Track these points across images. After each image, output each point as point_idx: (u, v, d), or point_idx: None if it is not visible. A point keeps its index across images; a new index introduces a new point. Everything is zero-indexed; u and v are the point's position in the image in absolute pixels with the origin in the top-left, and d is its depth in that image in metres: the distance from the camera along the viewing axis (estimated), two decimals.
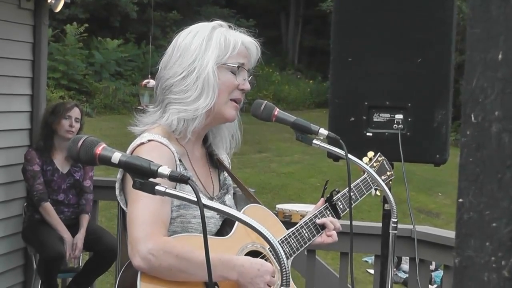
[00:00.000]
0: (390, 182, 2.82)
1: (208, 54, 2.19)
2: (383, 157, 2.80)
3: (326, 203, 2.51)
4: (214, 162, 2.38)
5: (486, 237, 0.84)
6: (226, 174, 2.41)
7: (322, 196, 2.54)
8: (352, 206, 2.54)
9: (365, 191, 2.63)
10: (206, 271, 1.98)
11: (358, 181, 2.62)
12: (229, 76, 2.22)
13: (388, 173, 2.80)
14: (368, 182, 2.64)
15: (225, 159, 2.45)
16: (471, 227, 0.87)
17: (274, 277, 2.14)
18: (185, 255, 2.00)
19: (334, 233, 2.49)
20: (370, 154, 2.76)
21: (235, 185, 2.45)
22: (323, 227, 2.48)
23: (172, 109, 2.20)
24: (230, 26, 2.29)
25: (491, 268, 0.82)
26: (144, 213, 2.01)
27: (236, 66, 2.22)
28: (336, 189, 2.56)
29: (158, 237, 2.00)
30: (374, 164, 2.74)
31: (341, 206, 2.54)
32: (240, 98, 2.25)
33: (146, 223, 2.00)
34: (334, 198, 2.52)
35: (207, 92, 2.18)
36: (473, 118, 0.86)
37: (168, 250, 1.99)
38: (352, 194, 2.55)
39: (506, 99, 0.81)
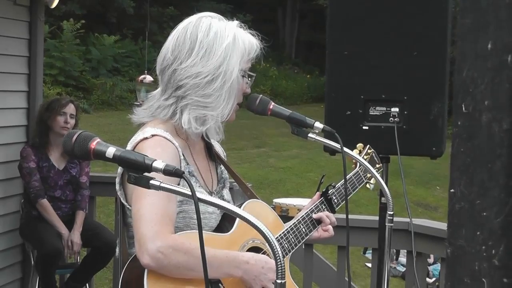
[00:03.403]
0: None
1: (233, 60, 2.16)
2: (372, 150, 2.80)
3: (322, 198, 2.52)
4: (212, 155, 2.37)
5: (477, 226, 0.84)
6: (222, 167, 2.40)
7: (318, 190, 2.54)
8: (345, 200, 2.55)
9: (357, 184, 2.63)
10: (213, 268, 1.99)
11: (350, 174, 2.62)
12: (242, 81, 2.21)
13: (377, 165, 2.80)
14: (360, 176, 2.65)
15: (221, 151, 2.45)
16: (463, 217, 0.87)
17: None
18: (194, 252, 1.97)
19: (330, 227, 2.50)
20: (360, 146, 2.76)
21: (232, 180, 2.45)
22: (319, 221, 2.48)
23: (192, 111, 2.16)
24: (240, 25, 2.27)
25: (482, 257, 0.82)
26: (152, 210, 1.99)
27: (247, 72, 2.21)
28: (332, 183, 2.56)
29: (166, 235, 1.98)
30: (365, 157, 2.74)
31: (335, 200, 2.54)
32: (242, 101, 2.26)
33: (154, 221, 1.97)
34: (329, 192, 2.52)
35: (229, 99, 2.17)
36: (464, 108, 0.86)
37: (177, 248, 1.97)
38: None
39: (496, 89, 0.81)
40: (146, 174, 1.67)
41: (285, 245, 2.35)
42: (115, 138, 11.86)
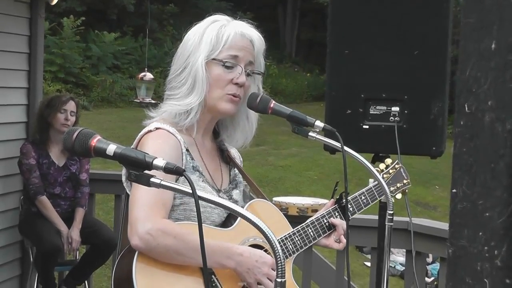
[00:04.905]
0: (406, 191, 2.80)
1: (199, 50, 2.21)
2: (400, 165, 2.80)
3: (335, 205, 2.50)
4: (225, 158, 2.40)
5: (479, 226, 0.84)
6: (236, 171, 2.42)
7: (332, 197, 2.53)
8: (361, 210, 2.54)
9: (377, 196, 2.59)
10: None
11: (371, 185, 2.60)
12: (220, 71, 2.22)
13: (405, 181, 2.79)
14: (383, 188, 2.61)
15: (237, 156, 2.46)
16: (465, 217, 0.86)
17: (273, 269, 2.14)
18: (183, 237, 2.02)
19: (343, 238, 2.48)
20: (388, 161, 2.78)
21: (245, 183, 2.46)
22: (329, 227, 2.47)
23: (167, 104, 2.23)
24: (233, 19, 2.28)
25: (484, 257, 0.82)
26: (146, 195, 2.03)
27: (225, 60, 2.21)
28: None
29: (157, 218, 2.03)
30: (390, 171, 2.74)
31: (350, 209, 2.52)
32: (235, 92, 2.25)
33: (146, 205, 2.03)
34: (343, 200, 2.50)
35: (197, 88, 2.20)
36: (466, 108, 0.86)
37: (166, 231, 2.01)
38: (363, 198, 2.55)
39: (499, 89, 0.81)
40: (146, 171, 1.68)
41: (289, 246, 2.34)
42: (115, 135, 11.85)
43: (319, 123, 2.39)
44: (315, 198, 4.47)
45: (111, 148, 1.69)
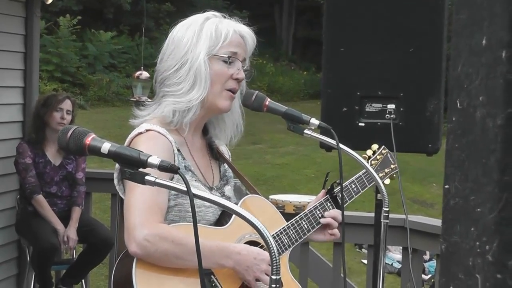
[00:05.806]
0: (394, 175, 2.81)
1: (199, 46, 2.20)
2: (387, 150, 2.79)
3: (327, 195, 2.51)
4: (215, 154, 2.39)
5: (471, 222, 0.84)
6: (226, 166, 2.42)
7: (323, 188, 2.53)
8: (353, 199, 2.54)
9: (367, 183, 2.59)
10: (203, 258, 1.99)
11: (360, 173, 2.60)
12: (221, 66, 2.22)
13: (392, 166, 2.79)
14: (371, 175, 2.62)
15: (225, 151, 2.46)
16: (457, 213, 0.87)
17: None
18: (181, 241, 2.01)
19: (336, 231, 2.48)
20: (374, 147, 2.77)
21: (236, 179, 2.46)
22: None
23: (166, 101, 2.21)
24: (224, 16, 2.29)
25: (475, 253, 0.82)
26: (140, 200, 2.02)
27: (227, 56, 2.22)
28: (337, 181, 2.54)
29: (153, 223, 2.01)
30: (378, 157, 2.74)
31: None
32: (235, 87, 2.25)
33: (142, 210, 2.01)
34: (335, 190, 2.51)
35: (199, 84, 2.19)
36: (458, 104, 0.86)
37: (163, 236, 2.00)
38: (354, 186, 2.55)
39: (490, 84, 0.81)
40: (141, 169, 1.68)
41: (285, 240, 2.35)
42: (112, 134, 11.85)
43: (315, 121, 2.39)
44: (312, 196, 4.46)
45: (106, 146, 1.69)
